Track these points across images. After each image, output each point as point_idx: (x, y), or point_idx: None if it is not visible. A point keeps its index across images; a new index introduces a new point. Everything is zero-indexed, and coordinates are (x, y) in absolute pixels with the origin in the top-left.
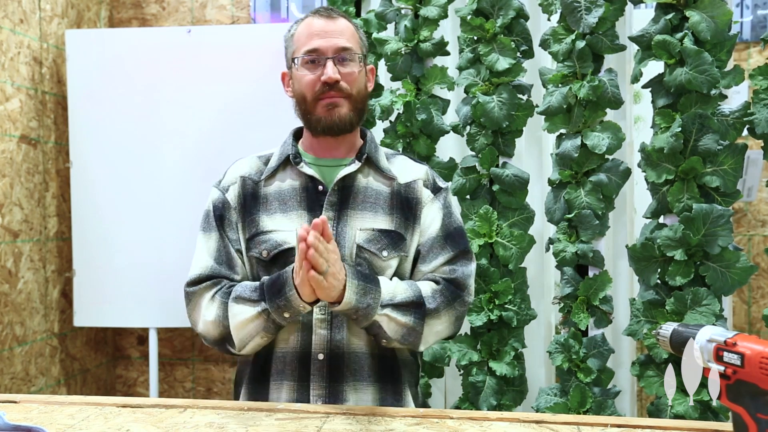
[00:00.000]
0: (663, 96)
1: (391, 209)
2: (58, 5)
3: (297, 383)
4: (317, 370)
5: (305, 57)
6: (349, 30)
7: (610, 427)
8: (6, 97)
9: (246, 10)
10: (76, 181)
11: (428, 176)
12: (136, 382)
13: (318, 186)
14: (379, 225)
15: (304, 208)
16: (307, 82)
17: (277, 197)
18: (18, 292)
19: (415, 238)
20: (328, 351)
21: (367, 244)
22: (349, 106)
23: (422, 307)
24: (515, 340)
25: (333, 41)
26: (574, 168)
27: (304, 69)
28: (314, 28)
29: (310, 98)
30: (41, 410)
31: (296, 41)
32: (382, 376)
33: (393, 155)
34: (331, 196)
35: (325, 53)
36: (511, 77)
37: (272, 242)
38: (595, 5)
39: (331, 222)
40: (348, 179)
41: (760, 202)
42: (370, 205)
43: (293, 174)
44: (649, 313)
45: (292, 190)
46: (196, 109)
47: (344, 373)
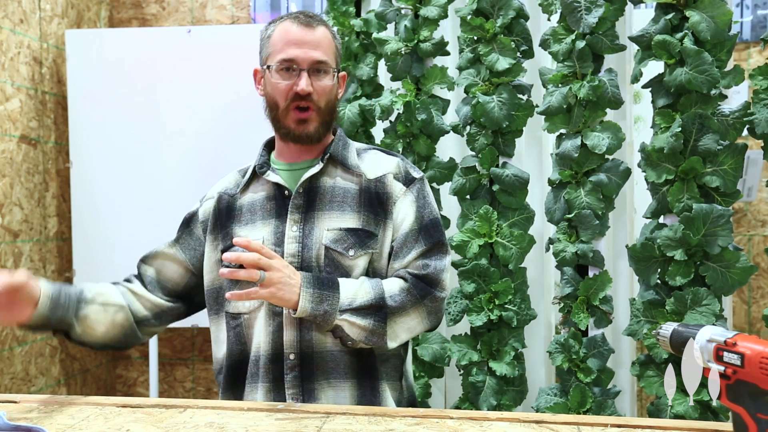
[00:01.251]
0: (663, 96)
1: (359, 207)
2: (58, 5)
3: (271, 384)
4: (290, 369)
5: (280, 64)
6: (326, 40)
7: (610, 427)
8: (6, 97)
9: (246, 10)
10: (76, 181)
11: (399, 168)
12: (136, 382)
13: (284, 191)
14: (347, 224)
15: (272, 215)
16: (280, 90)
17: (249, 209)
18: None
19: (387, 234)
20: (299, 351)
21: (333, 244)
22: (318, 121)
23: (383, 308)
24: (515, 340)
25: (309, 53)
26: (574, 168)
27: (278, 76)
28: (292, 36)
29: (282, 107)
30: (41, 410)
31: (272, 45)
32: (358, 372)
33: (365, 150)
34: (296, 199)
35: (301, 65)
36: (511, 77)
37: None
38: (595, 5)
39: (298, 225)
40: (314, 180)
41: (760, 202)
42: (338, 204)
43: (263, 184)
44: (649, 313)
45: (261, 199)
46: (196, 109)
47: (317, 372)
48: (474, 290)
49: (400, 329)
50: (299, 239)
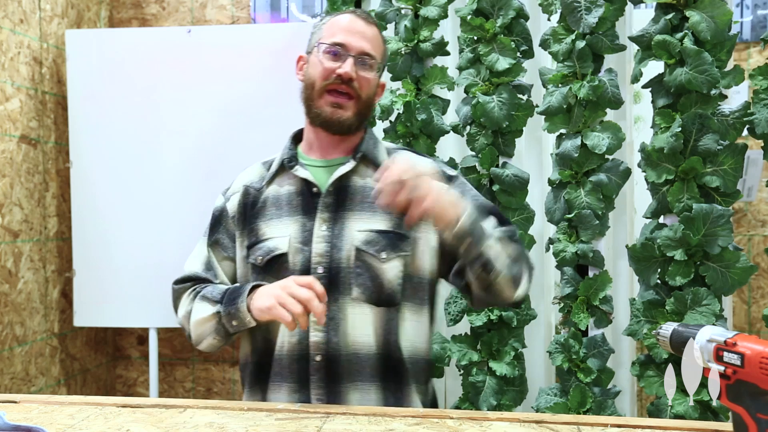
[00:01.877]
0: (663, 96)
1: None
2: (58, 5)
3: (297, 385)
4: (315, 371)
5: (329, 47)
6: (378, 40)
7: (610, 427)
8: (6, 97)
9: (246, 10)
10: (76, 181)
11: (435, 170)
12: (136, 382)
13: (312, 188)
14: (378, 226)
15: (300, 212)
16: (321, 70)
17: (273, 203)
18: (18, 292)
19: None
20: (326, 353)
21: (365, 246)
22: (353, 110)
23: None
24: (515, 340)
25: (361, 43)
26: (574, 168)
27: (325, 57)
28: (347, 25)
29: (318, 86)
30: (41, 410)
31: (326, 29)
32: (385, 375)
33: (395, 150)
34: (326, 198)
35: (350, 50)
36: (511, 77)
37: (266, 249)
38: (595, 5)
39: (327, 224)
40: (344, 179)
41: (760, 202)
42: (368, 205)
43: (290, 179)
44: (649, 313)
45: (288, 194)
46: (196, 109)
47: (343, 375)
48: None
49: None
50: (328, 239)
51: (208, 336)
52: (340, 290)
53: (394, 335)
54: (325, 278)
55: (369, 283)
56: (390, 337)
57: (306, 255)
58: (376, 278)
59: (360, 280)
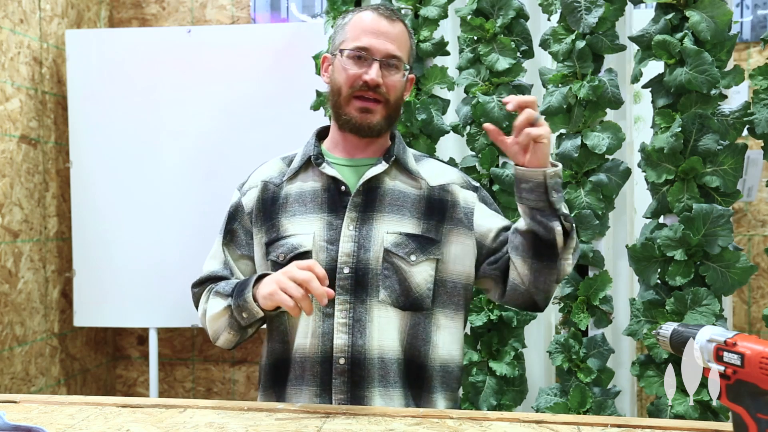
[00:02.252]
0: (663, 96)
1: (419, 213)
2: (58, 5)
3: (318, 388)
4: (339, 374)
5: (354, 51)
6: (403, 37)
7: (610, 427)
8: (6, 97)
9: (246, 10)
10: (76, 181)
11: (463, 179)
12: (136, 382)
13: (341, 187)
14: (407, 229)
15: (325, 210)
16: (347, 76)
17: (297, 199)
18: (18, 292)
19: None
20: (350, 356)
21: (395, 248)
22: (382, 113)
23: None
24: (515, 340)
25: (386, 45)
26: (574, 168)
27: (349, 62)
28: (370, 25)
29: (345, 93)
30: (41, 410)
31: (349, 31)
32: (409, 381)
33: (422, 157)
34: (356, 197)
35: (375, 54)
36: (511, 77)
37: (289, 246)
38: (595, 5)
39: (355, 224)
40: (374, 181)
41: (760, 202)
42: (397, 208)
43: (315, 175)
44: (649, 313)
45: (313, 191)
46: (196, 109)
47: (367, 379)
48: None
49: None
50: (356, 239)
51: (223, 331)
52: (367, 292)
53: (424, 341)
54: (352, 279)
55: (396, 286)
56: (416, 342)
57: (332, 254)
58: (404, 281)
59: (387, 283)
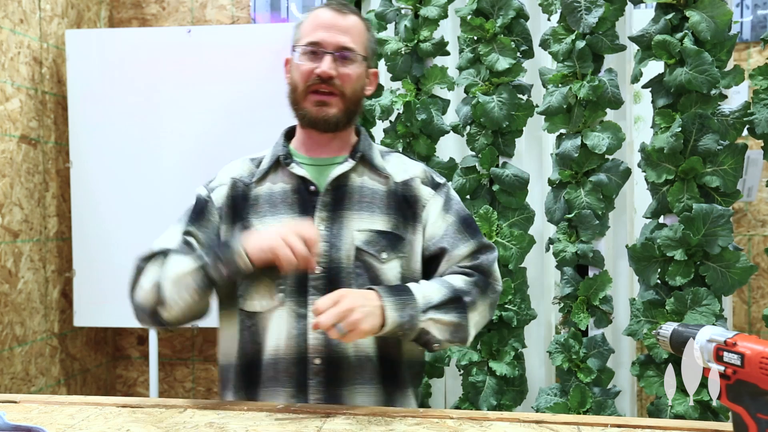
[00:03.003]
0: (663, 96)
1: (388, 209)
2: (58, 5)
3: (294, 389)
4: (315, 375)
5: (306, 47)
6: (357, 29)
7: (610, 427)
8: (6, 97)
9: (246, 10)
10: (76, 181)
11: (426, 174)
12: (136, 382)
13: (309, 187)
14: (377, 226)
15: (296, 210)
16: (302, 72)
17: (267, 200)
18: (18, 292)
19: (416, 237)
20: (326, 356)
21: (366, 246)
22: (339, 106)
23: (461, 300)
24: (515, 340)
25: (337, 37)
26: (574, 168)
27: (303, 59)
28: (322, 20)
29: (301, 88)
30: (41, 410)
31: (302, 30)
32: (385, 378)
33: (387, 153)
34: (324, 196)
35: (326, 48)
36: (511, 77)
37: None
38: (595, 5)
39: (326, 223)
40: (342, 179)
41: (760, 202)
42: (366, 204)
43: (284, 176)
44: (649, 313)
45: (282, 192)
46: (196, 109)
47: (343, 378)
48: None
49: (472, 324)
50: (327, 238)
51: (184, 293)
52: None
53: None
54: (324, 278)
55: (368, 284)
56: (389, 338)
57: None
58: (375, 279)
59: (360, 281)
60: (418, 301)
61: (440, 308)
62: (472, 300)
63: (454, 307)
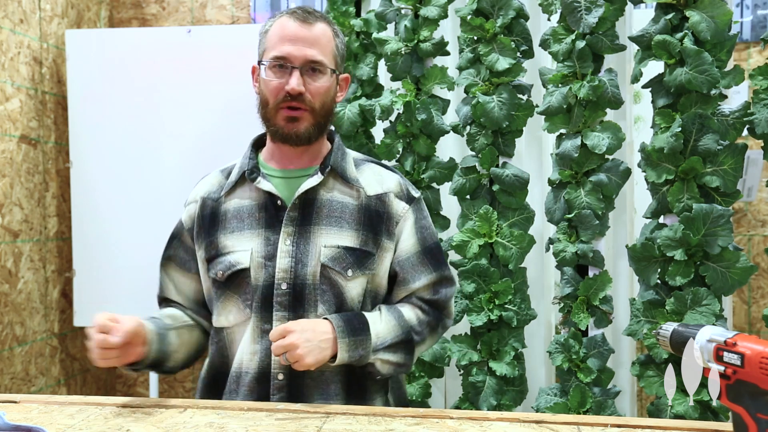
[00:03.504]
0: (663, 96)
1: (357, 224)
2: (58, 5)
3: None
4: (277, 390)
5: (273, 62)
6: (324, 38)
7: (610, 427)
8: (6, 97)
9: (246, 10)
10: (76, 181)
11: (401, 187)
12: (136, 382)
13: (276, 201)
14: (345, 242)
15: (263, 225)
16: (271, 88)
17: (235, 215)
18: (18, 292)
19: (386, 255)
20: (288, 372)
21: (331, 263)
22: (310, 121)
23: (411, 342)
24: (515, 340)
25: (303, 51)
26: (574, 168)
27: (271, 73)
28: (287, 32)
29: (271, 104)
30: (41, 410)
31: (268, 41)
32: (348, 392)
33: (363, 162)
34: (291, 211)
35: (293, 62)
36: (511, 77)
37: (227, 263)
38: (595, 5)
39: (292, 238)
40: (310, 192)
41: (760, 202)
42: (335, 219)
43: (251, 190)
44: (649, 313)
45: (250, 206)
46: (196, 109)
47: (306, 393)
48: (474, 290)
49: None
50: (293, 254)
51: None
52: (304, 307)
53: None
54: (290, 295)
55: (333, 300)
56: None
57: (270, 271)
58: (339, 295)
59: (325, 297)
60: (372, 340)
61: (390, 349)
62: (422, 339)
63: (403, 348)
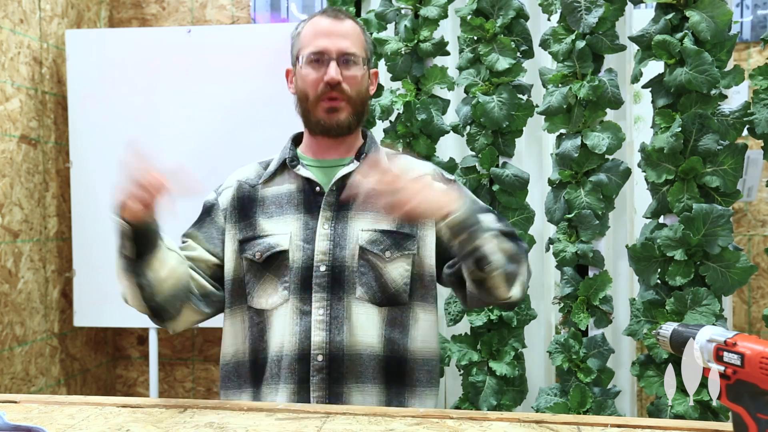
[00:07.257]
0: (663, 96)
1: None
2: (58, 5)
3: (296, 385)
4: (317, 371)
5: (310, 56)
6: (354, 32)
7: (610, 427)
8: (6, 97)
9: (246, 10)
10: (76, 181)
11: (435, 172)
12: (136, 382)
13: (315, 187)
14: (382, 225)
15: (302, 210)
16: (310, 81)
17: (274, 201)
18: (18, 292)
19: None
20: (328, 352)
21: (369, 246)
22: (349, 110)
23: (516, 238)
24: (515, 340)
25: (338, 43)
26: (574, 168)
27: (308, 68)
28: (320, 28)
29: (311, 98)
30: (41, 410)
31: (302, 40)
32: (388, 377)
33: (394, 155)
34: (329, 196)
35: (330, 54)
36: (511, 77)
37: (266, 245)
38: (595, 5)
39: (330, 223)
40: (347, 179)
41: (760, 202)
42: (371, 205)
43: (291, 177)
44: (649, 313)
45: (289, 193)
46: (196, 109)
47: (345, 375)
48: None
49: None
50: (331, 237)
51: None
52: (344, 289)
53: (402, 335)
54: (328, 276)
55: (373, 283)
56: (395, 336)
57: (308, 253)
58: (380, 277)
59: (364, 279)
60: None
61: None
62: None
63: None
